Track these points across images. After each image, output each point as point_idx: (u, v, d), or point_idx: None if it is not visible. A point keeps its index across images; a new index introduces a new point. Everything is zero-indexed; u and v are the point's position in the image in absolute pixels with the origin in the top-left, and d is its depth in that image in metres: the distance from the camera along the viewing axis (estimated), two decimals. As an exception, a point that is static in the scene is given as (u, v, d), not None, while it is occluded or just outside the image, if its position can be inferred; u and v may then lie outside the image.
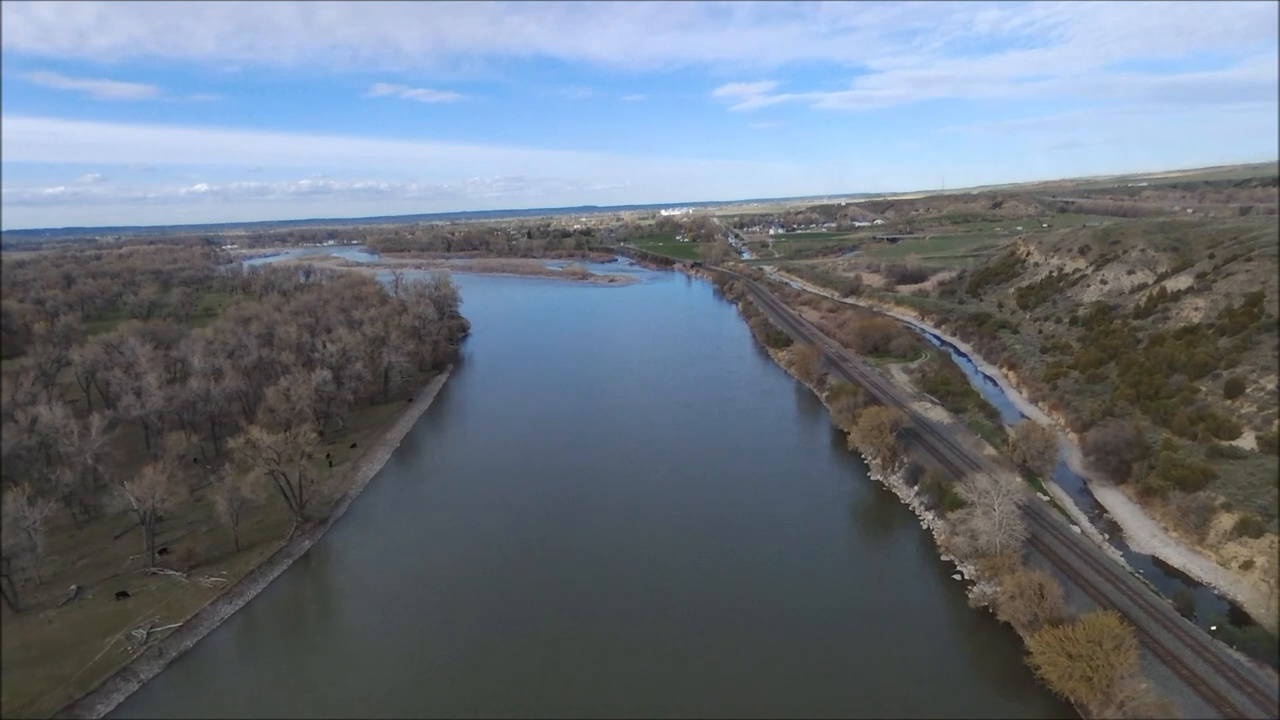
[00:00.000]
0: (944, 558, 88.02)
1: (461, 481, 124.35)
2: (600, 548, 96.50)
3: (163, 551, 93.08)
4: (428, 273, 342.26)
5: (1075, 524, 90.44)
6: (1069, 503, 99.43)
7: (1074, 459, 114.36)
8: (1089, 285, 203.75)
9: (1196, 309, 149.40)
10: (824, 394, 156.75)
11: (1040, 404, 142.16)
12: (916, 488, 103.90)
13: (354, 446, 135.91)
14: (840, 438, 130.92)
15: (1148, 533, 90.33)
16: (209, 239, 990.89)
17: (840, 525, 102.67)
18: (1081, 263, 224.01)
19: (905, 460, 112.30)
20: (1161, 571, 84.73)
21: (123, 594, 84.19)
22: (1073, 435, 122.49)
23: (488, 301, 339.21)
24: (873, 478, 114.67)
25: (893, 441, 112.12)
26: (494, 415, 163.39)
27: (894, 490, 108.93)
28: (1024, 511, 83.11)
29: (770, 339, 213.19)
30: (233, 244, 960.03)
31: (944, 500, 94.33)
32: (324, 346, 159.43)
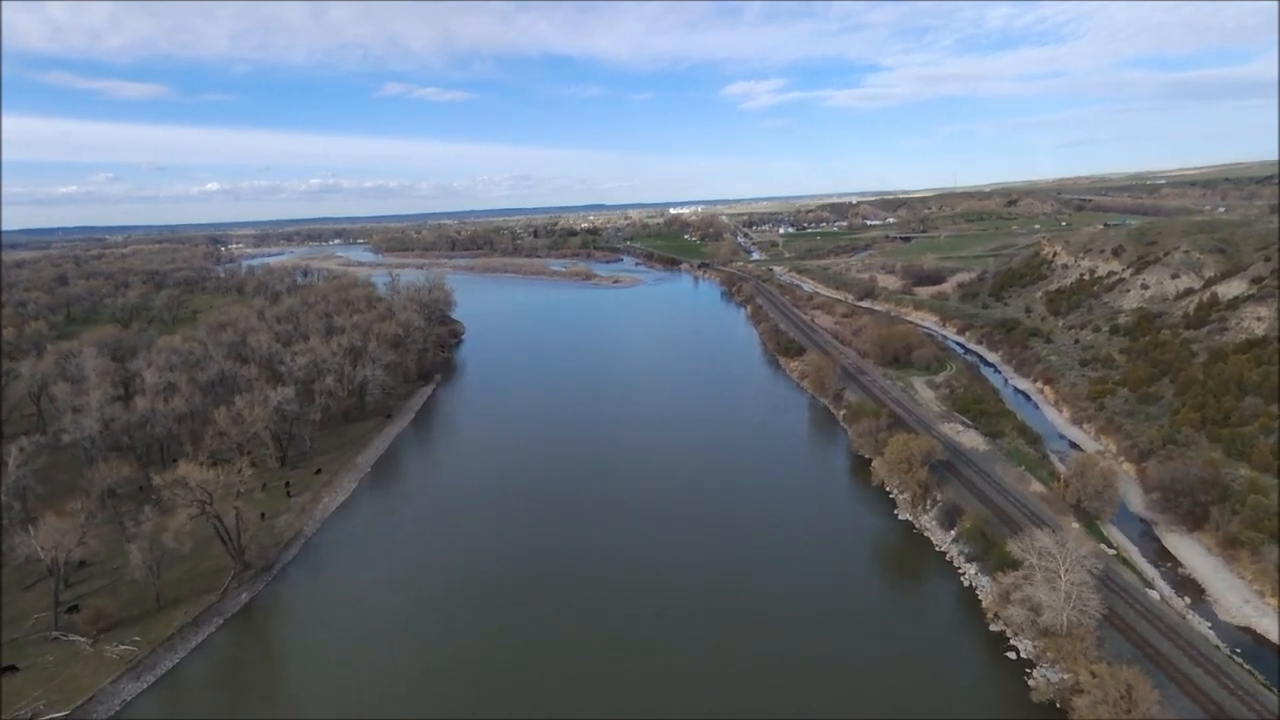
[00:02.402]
0: (993, 627, 73.41)
1: (438, 511, 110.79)
2: (583, 592, 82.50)
3: (72, 609, 79.60)
4: (426, 273, 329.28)
5: (1151, 586, 75.48)
6: (1135, 554, 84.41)
7: (1133, 495, 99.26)
8: (1128, 290, 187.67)
9: (1259, 319, 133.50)
10: (841, 411, 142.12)
11: (1085, 426, 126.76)
12: (954, 532, 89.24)
13: (319, 472, 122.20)
14: (860, 464, 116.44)
15: (1238, 596, 75.35)
16: (217, 238, 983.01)
17: (861, 570, 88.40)
18: (1116, 265, 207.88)
19: (939, 497, 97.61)
20: (1252, 640, 70.49)
21: (11, 668, 70.78)
22: (1129, 465, 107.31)
23: (485, 304, 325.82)
24: (900, 516, 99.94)
25: (924, 476, 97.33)
26: (481, 432, 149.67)
27: (926, 534, 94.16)
28: (1095, 578, 68.15)
29: (781, 347, 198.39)
30: (238, 243, 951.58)
31: (990, 553, 79.57)
32: (292, 359, 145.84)
